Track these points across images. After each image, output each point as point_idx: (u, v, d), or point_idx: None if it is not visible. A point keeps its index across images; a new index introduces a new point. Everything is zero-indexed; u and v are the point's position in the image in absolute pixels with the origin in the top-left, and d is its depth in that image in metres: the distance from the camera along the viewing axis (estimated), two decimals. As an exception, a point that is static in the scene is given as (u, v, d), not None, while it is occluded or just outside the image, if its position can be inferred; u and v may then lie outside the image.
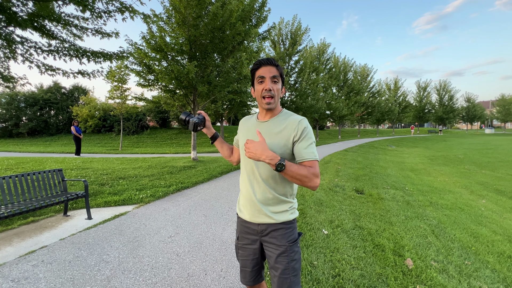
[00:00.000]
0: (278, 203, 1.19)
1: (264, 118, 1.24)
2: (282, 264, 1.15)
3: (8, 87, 4.94)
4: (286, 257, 1.16)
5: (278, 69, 1.17)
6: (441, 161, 12.77)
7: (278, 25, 17.90)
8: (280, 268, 1.15)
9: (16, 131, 21.70)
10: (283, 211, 1.19)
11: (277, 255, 1.16)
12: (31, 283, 2.10)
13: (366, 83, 29.72)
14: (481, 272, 2.54)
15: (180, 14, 6.97)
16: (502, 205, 5.63)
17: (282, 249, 1.16)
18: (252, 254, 1.27)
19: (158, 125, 24.18)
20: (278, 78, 1.17)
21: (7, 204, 3.04)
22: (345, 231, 3.24)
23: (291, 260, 1.16)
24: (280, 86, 1.20)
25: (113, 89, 14.54)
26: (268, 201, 1.18)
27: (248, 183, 1.22)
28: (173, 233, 3.12)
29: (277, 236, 1.18)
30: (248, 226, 1.26)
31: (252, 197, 1.20)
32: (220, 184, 5.88)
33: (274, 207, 1.18)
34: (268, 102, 1.16)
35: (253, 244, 1.26)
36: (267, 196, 1.18)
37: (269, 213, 1.18)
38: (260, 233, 1.22)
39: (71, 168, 6.42)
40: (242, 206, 1.28)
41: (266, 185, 1.18)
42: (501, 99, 54.59)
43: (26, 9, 3.98)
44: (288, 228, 1.19)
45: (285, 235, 1.18)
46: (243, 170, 1.27)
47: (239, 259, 1.33)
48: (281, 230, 1.18)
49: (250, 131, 1.27)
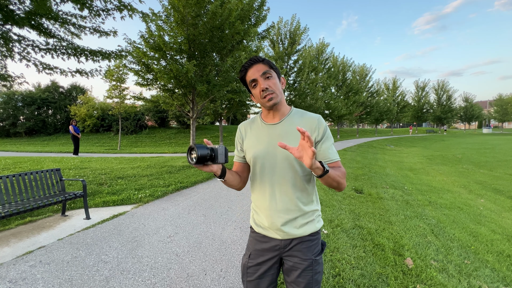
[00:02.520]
0: (304, 213, 1.06)
1: (273, 120, 1.10)
2: (305, 278, 1.04)
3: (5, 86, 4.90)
4: (311, 271, 1.05)
5: (266, 63, 1.05)
6: (439, 160, 12.81)
7: (277, 25, 17.88)
8: (303, 282, 1.04)
9: (14, 130, 21.53)
10: (310, 220, 1.07)
11: (301, 270, 1.05)
12: (29, 283, 2.08)
13: (365, 82, 29.76)
14: (480, 271, 2.54)
15: (179, 13, 6.94)
16: (500, 204, 5.65)
17: (307, 263, 1.04)
18: (269, 275, 1.11)
19: (156, 124, 24.10)
20: (270, 71, 1.04)
21: (4, 204, 3.01)
22: (345, 231, 3.23)
23: (315, 273, 1.05)
24: (277, 79, 1.07)
25: (112, 88, 14.46)
26: (293, 211, 1.05)
27: (268, 194, 1.07)
28: (172, 233, 3.11)
29: (302, 250, 1.06)
30: (267, 241, 1.10)
31: (274, 210, 1.06)
32: (219, 183, 5.86)
33: (300, 218, 1.06)
34: (270, 98, 1.03)
35: (271, 260, 1.10)
36: (291, 206, 1.05)
37: (295, 224, 1.05)
38: (283, 248, 1.08)
39: (69, 168, 6.38)
40: (260, 220, 1.11)
41: (290, 193, 1.05)
42: (499, 99, 54.87)
43: (23, 7, 3.94)
44: (314, 239, 1.08)
45: (310, 248, 1.07)
46: (259, 180, 1.10)
47: (247, 281, 1.13)
48: (307, 243, 1.07)
49: (261, 136, 1.10)
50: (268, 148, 1.07)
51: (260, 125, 1.13)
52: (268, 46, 18.43)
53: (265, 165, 1.07)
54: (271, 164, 1.06)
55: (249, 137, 1.15)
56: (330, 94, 23.06)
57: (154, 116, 23.14)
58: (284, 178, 1.04)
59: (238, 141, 1.20)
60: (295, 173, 1.04)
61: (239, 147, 1.21)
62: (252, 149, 1.12)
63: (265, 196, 1.08)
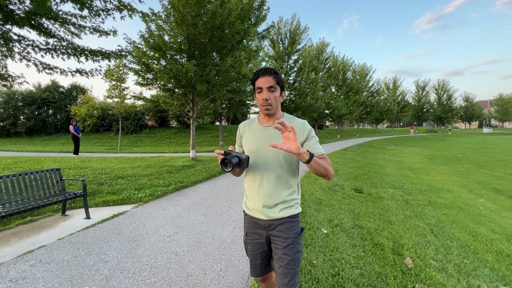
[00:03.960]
0: (285, 199, 1.29)
1: (267, 122, 1.34)
2: (288, 255, 1.26)
3: (6, 85, 4.89)
4: (292, 249, 1.27)
5: (275, 78, 1.25)
6: (439, 160, 12.81)
7: (277, 24, 17.86)
8: (286, 259, 1.25)
9: (14, 130, 21.54)
10: (289, 206, 1.30)
11: (284, 247, 1.27)
12: (29, 283, 2.08)
13: (365, 82, 29.73)
14: (480, 270, 2.54)
15: (179, 12, 6.94)
16: (500, 204, 5.65)
17: (289, 241, 1.27)
18: (261, 248, 1.37)
19: (157, 124, 24.09)
20: (276, 86, 1.26)
21: (4, 203, 3.02)
22: (345, 230, 3.24)
23: (297, 252, 1.28)
24: (279, 93, 1.29)
25: (112, 88, 14.44)
26: (276, 198, 1.28)
27: (257, 182, 1.31)
28: (172, 233, 3.11)
29: (284, 230, 1.28)
30: (256, 222, 1.35)
31: (259, 195, 1.30)
32: (219, 183, 5.86)
33: (281, 204, 1.28)
34: (266, 108, 1.27)
35: (262, 238, 1.36)
36: (275, 193, 1.28)
37: (276, 209, 1.28)
38: (268, 228, 1.32)
39: (69, 168, 6.38)
40: (250, 205, 1.37)
41: (275, 183, 1.28)
42: (499, 99, 54.77)
43: (23, 7, 3.93)
44: (294, 221, 1.30)
45: (291, 228, 1.29)
46: (252, 171, 1.34)
47: (249, 254, 1.42)
48: (288, 224, 1.29)
49: (256, 135, 1.35)
50: (261, 145, 1.31)
51: (257, 126, 1.38)
52: (268, 45, 18.41)
53: (258, 159, 1.31)
54: (262, 159, 1.30)
55: (247, 135, 1.40)
56: (330, 94, 23.04)
57: (154, 116, 23.13)
58: (271, 170, 1.28)
59: (239, 137, 1.46)
60: (281, 168, 1.28)
61: (239, 142, 1.46)
62: (248, 145, 1.37)
63: (255, 183, 1.33)
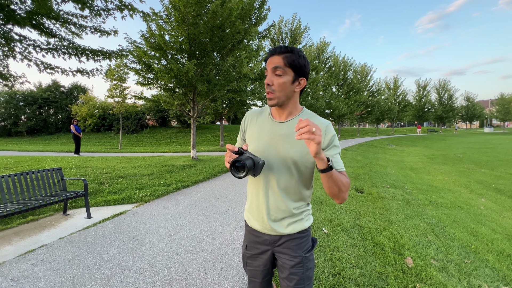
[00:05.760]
0: (293, 213, 1.06)
1: (280, 117, 1.07)
2: (297, 275, 1.05)
3: (7, 85, 4.90)
4: (302, 268, 1.06)
5: (285, 58, 0.96)
6: (440, 160, 12.79)
7: (278, 24, 17.84)
8: (294, 279, 1.05)
9: (15, 130, 21.62)
10: (298, 220, 1.08)
11: (292, 266, 1.06)
12: (31, 282, 2.09)
13: (366, 82, 29.67)
14: (480, 270, 2.54)
15: (179, 12, 6.94)
16: (501, 204, 5.64)
17: (298, 260, 1.06)
18: (262, 265, 1.14)
19: (157, 124, 24.13)
20: (284, 69, 0.96)
21: (6, 203, 3.03)
22: (345, 230, 3.24)
23: (306, 270, 1.07)
24: (289, 79, 0.97)
25: (112, 87, 14.47)
26: (284, 211, 1.05)
27: (262, 192, 1.08)
28: (173, 232, 3.12)
29: (292, 247, 1.07)
30: (259, 235, 1.13)
31: (264, 207, 1.07)
32: (220, 183, 5.87)
33: (289, 218, 1.06)
34: (269, 97, 1.00)
35: (264, 254, 1.13)
36: (282, 206, 1.05)
37: (283, 223, 1.07)
38: (273, 243, 1.10)
39: (70, 167, 6.40)
40: (252, 215, 1.14)
41: (283, 195, 1.04)
42: (501, 98, 54.58)
43: (24, 7, 3.94)
44: (303, 237, 1.09)
45: (300, 245, 1.08)
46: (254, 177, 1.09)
47: (247, 269, 1.20)
48: (296, 240, 1.08)
49: (264, 131, 1.08)
50: (269, 145, 1.04)
51: (267, 119, 1.10)
52: (269, 45, 18.39)
53: None
54: (269, 163, 1.03)
55: (252, 127, 1.14)
56: (331, 94, 23.01)
57: (155, 116, 23.17)
58: (279, 179, 1.03)
59: (242, 128, 1.19)
60: (290, 176, 1.02)
61: (241, 134, 1.20)
62: (252, 142, 1.10)
63: (258, 193, 1.09)
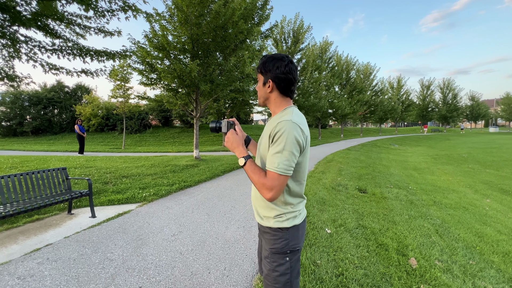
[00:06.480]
0: (265, 207, 1.15)
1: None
2: (265, 267, 1.14)
3: (13, 86, 4.96)
4: (268, 264, 1.13)
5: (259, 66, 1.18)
6: (444, 160, 12.67)
7: (281, 23, 17.81)
8: (264, 270, 1.15)
9: (20, 130, 21.85)
10: (268, 216, 1.14)
11: (263, 257, 1.17)
12: (37, 280, 2.12)
13: (369, 81, 29.50)
14: (486, 272, 2.52)
15: (182, 12, 6.96)
16: (507, 205, 5.57)
17: (266, 253, 1.15)
18: (260, 247, 1.32)
19: (160, 124, 24.26)
20: (258, 75, 1.19)
21: (12, 202, 3.07)
22: (348, 230, 3.23)
23: (273, 270, 1.11)
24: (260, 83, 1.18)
25: (116, 88, 14.57)
26: (259, 202, 1.19)
27: None
28: (176, 232, 3.13)
29: (265, 239, 1.17)
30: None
31: (253, 195, 1.25)
32: (223, 183, 5.88)
33: (262, 210, 1.17)
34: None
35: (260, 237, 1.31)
36: (258, 197, 1.19)
37: (259, 213, 1.20)
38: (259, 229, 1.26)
39: (74, 167, 6.46)
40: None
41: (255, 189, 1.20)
42: (506, 98, 53.81)
43: (29, 8, 3.99)
44: (273, 235, 1.13)
45: (269, 241, 1.14)
46: None
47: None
48: (268, 234, 1.15)
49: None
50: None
51: None
52: (272, 45, 18.38)
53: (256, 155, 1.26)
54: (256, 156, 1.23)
55: None
56: (333, 93, 22.91)
57: (158, 116, 23.30)
58: None
59: None
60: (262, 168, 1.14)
61: None
62: None
63: None
